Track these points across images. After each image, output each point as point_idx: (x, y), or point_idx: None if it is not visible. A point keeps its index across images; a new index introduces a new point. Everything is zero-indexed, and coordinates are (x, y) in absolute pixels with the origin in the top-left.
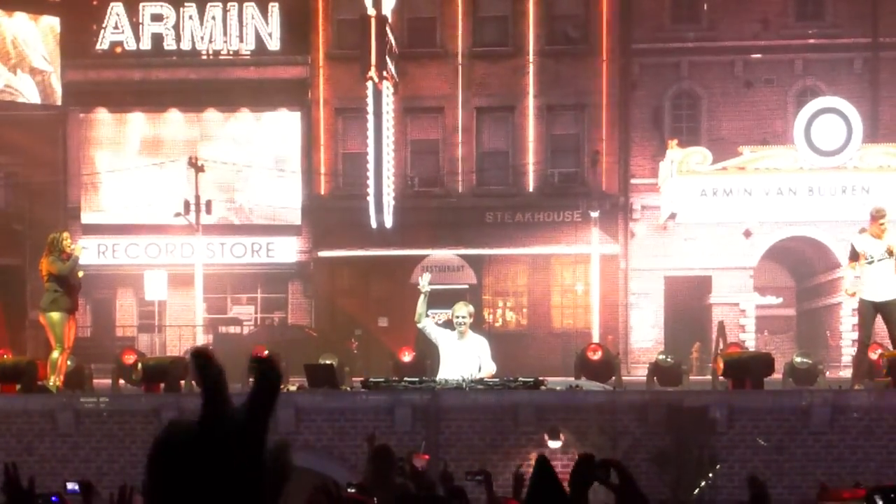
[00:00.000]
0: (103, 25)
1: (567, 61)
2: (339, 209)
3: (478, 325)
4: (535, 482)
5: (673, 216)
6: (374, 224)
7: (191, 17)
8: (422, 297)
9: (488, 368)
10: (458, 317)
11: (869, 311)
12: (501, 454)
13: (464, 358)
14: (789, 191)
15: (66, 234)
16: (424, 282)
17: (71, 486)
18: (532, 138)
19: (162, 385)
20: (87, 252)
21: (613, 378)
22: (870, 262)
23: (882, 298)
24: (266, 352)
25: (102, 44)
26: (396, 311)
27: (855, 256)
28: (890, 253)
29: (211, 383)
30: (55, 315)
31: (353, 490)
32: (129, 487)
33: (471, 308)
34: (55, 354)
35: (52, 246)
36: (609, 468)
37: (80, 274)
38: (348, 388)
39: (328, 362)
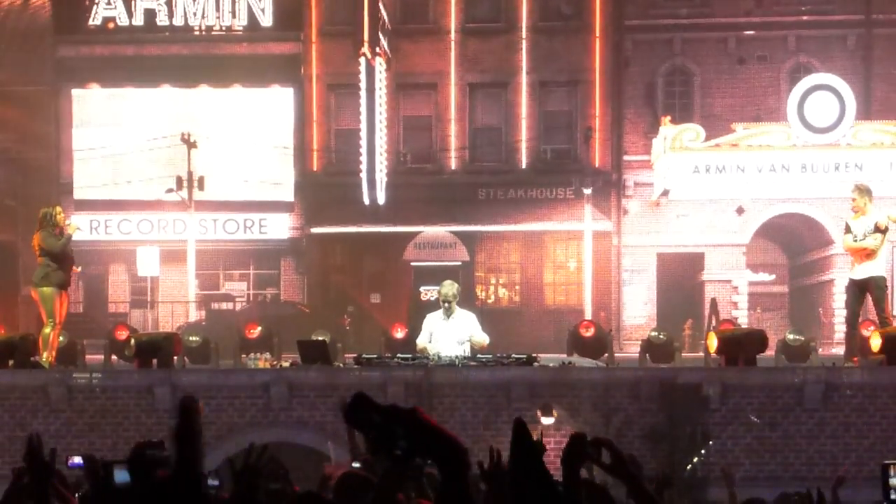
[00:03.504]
0: (96, 1)
1: (560, 37)
2: (331, 185)
3: (470, 301)
4: (515, 448)
5: (666, 193)
6: (366, 200)
7: None
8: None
9: (480, 339)
10: (443, 296)
11: (854, 289)
12: (494, 430)
13: (452, 336)
14: (782, 168)
15: (58, 209)
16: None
17: (75, 460)
18: (525, 115)
19: (154, 361)
20: (80, 228)
21: (606, 355)
22: (855, 241)
23: (863, 276)
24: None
25: (95, 19)
26: (389, 287)
27: (848, 231)
28: (878, 229)
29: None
30: (47, 290)
31: (358, 466)
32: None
33: (456, 287)
34: (47, 330)
35: (45, 220)
36: (601, 447)
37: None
38: (341, 365)
39: (321, 338)
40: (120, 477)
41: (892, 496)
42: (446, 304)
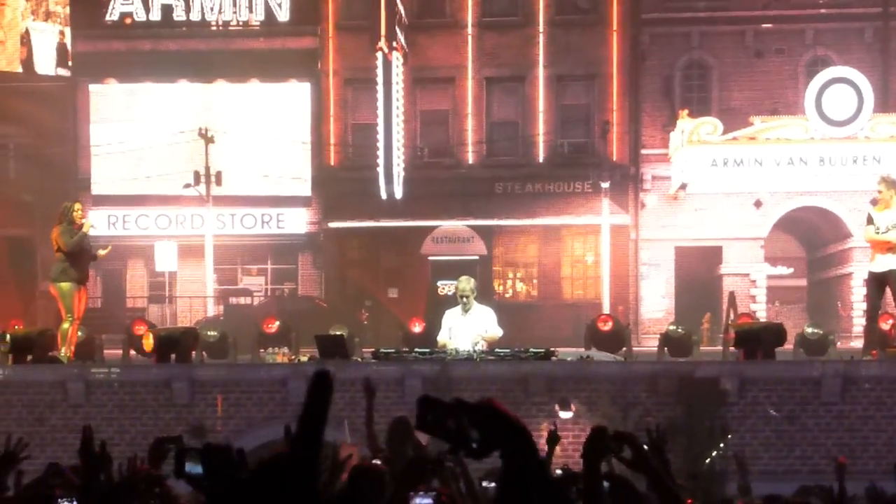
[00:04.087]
0: None
1: (577, 31)
2: (348, 180)
3: (488, 296)
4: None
5: (683, 186)
6: (383, 195)
7: None
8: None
9: (492, 333)
10: (460, 291)
11: (874, 282)
12: None
13: (470, 331)
14: (800, 161)
15: (77, 205)
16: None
17: None
18: (542, 109)
19: (173, 356)
20: (98, 223)
21: (624, 349)
22: (877, 233)
23: (883, 269)
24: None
25: (112, 15)
26: (406, 281)
27: (870, 223)
28: None
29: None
30: (65, 285)
31: (378, 462)
32: (138, 458)
33: (473, 282)
34: (65, 325)
35: (63, 216)
36: (622, 441)
37: (102, 253)
38: (359, 359)
39: (338, 333)
40: (191, 468)
41: None
42: (463, 300)
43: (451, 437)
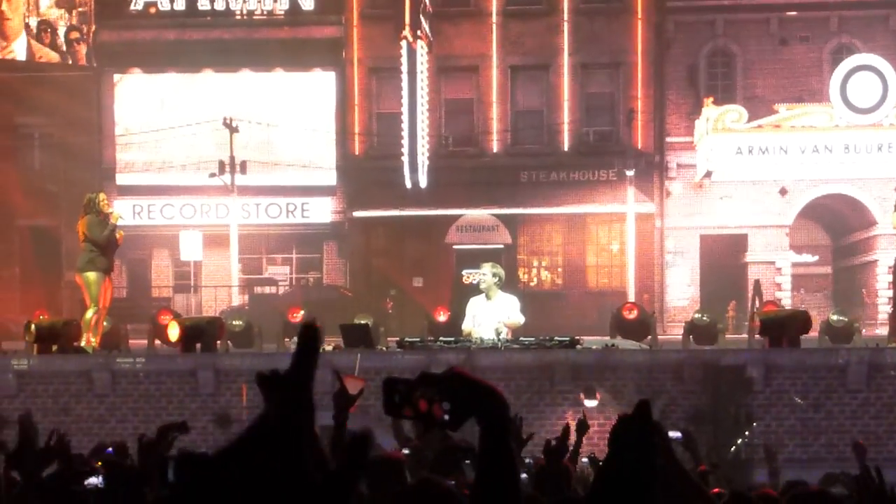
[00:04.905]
0: None
1: (601, 19)
2: (373, 169)
3: (513, 284)
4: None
5: (708, 174)
6: (408, 184)
7: None
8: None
9: (515, 319)
10: (481, 275)
11: None
12: (537, 413)
13: (493, 319)
14: (825, 148)
15: (102, 195)
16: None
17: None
18: (567, 97)
19: (198, 345)
20: (123, 213)
21: (649, 337)
22: None
23: None
24: (304, 317)
25: (137, 4)
26: (431, 271)
27: None
28: None
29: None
30: (91, 275)
31: (406, 452)
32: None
33: (493, 268)
34: (89, 314)
35: (89, 206)
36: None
37: (120, 234)
38: (384, 348)
39: (363, 322)
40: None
41: None
42: (483, 284)
43: (421, 414)
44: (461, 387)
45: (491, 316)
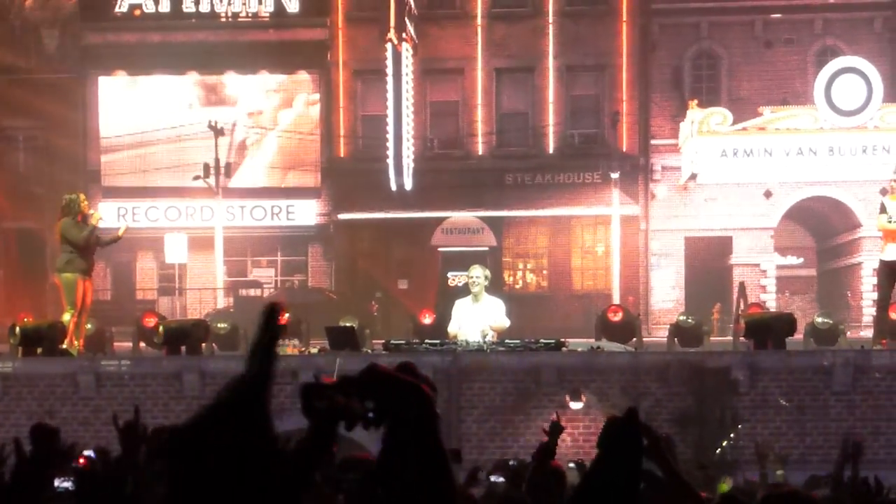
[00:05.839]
0: None
1: (586, 22)
2: (358, 172)
3: (498, 287)
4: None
5: (693, 177)
6: (393, 186)
7: None
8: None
9: (500, 323)
10: (470, 277)
11: (885, 270)
12: (523, 415)
13: (477, 320)
14: (810, 151)
15: (82, 197)
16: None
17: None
18: (552, 99)
19: (183, 348)
20: (107, 215)
21: (634, 339)
22: (889, 222)
23: (894, 257)
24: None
25: (121, 7)
26: (416, 273)
27: (883, 211)
28: None
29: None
30: (69, 276)
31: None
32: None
33: (484, 271)
34: (66, 316)
35: (69, 208)
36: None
37: (122, 231)
38: (369, 351)
39: (349, 324)
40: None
41: None
42: (474, 287)
43: (343, 415)
44: (381, 384)
45: (478, 318)
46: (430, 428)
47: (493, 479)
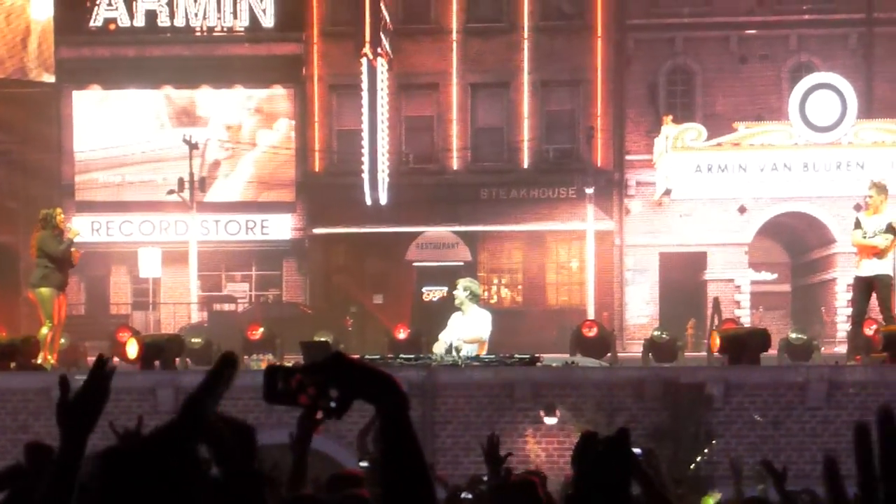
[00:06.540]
0: (97, 2)
1: (562, 37)
2: (333, 186)
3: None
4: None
5: (668, 192)
6: (368, 201)
7: None
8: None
9: (473, 335)
10: (454, 292)
11: (860, 286)
12: (498, 431)
13: (458, 332)
14: (784, 167)
15: (59, 211)
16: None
17: None
18: (527, 114)
19: (157, 363)
20: (82, 229)
21: (609, 354)
22: (864, 238)
23: (869, 273)
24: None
25: (96, 21)
26: (391, 288)
27: (858, 227)
28: (891, 229)
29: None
30: (45, 291)
31: (364, 464)
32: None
33: (466, 283)
34: (44, 331)
35: (45, 222)
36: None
37: (77, 253)
38: None
39: (323, 339)
40: None
41: None
42: (456, 301)
43: (307, 401)
44: (346, 371)
45: (459, 330)
46: (403, 416)
47: (463, 496)
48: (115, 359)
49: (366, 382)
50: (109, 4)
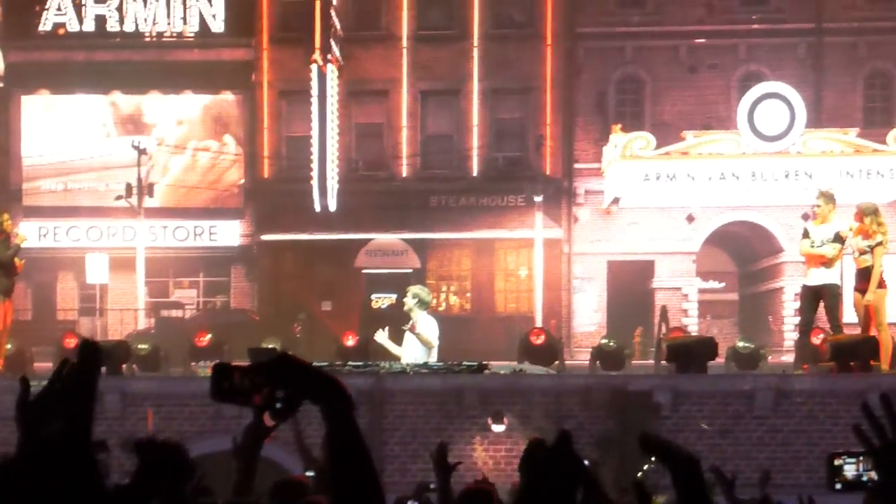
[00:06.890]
0: (46, 7)
1: (512, 45)
2: (282, 192)
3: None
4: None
5: (616, 201)
6: (317, 208)
7: None
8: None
9: (426, 336)
10: (404, 300)
11: (808, 295)
12: (446, 438)
13: (410, 343)
14: (732, 176)
15: (6, 216)
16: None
17: None
18: (476, 122)
19: (104, 369)
20: (29, 235)
21: (557, 362)
22: (812, 247)
23: (817, 283)
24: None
25: (45, 25)
26: (340, 295)
27: (806, 236)
28: (839, 239)
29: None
30: None
31: (311, 474)
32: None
33: (415, 290)
34: None
35: None
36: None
37: (20, 262)
38: None
39: (271, 346)
40: None
41: (837, 486)
42: (407, 309)
43: (250, 400)
44: (292, 371)
45: (410, 340)
46: (349, 418)
47: None
48: None
49: (311, 383)
50: (59, 9)
